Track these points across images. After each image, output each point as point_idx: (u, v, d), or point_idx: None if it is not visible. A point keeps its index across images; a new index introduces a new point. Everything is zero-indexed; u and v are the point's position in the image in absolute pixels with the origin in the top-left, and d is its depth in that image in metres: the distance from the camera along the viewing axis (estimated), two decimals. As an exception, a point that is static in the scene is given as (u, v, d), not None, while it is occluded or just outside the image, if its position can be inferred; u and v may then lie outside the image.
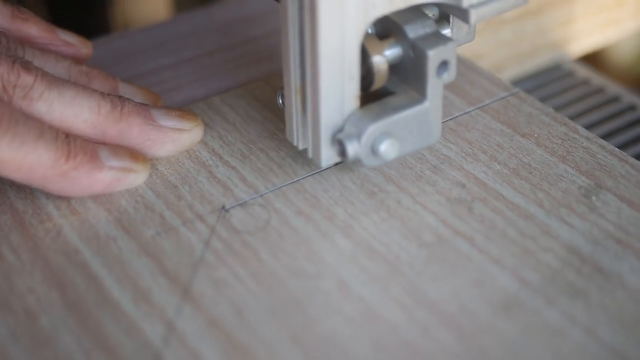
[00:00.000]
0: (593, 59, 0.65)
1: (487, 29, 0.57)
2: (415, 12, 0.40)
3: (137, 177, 0.42)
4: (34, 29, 0.44)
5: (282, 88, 0.42)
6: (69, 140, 0.39)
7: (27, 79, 0.39)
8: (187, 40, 0.53)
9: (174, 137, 0.43)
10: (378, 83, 0.40)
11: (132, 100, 0.43)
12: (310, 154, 0.41)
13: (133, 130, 0.42)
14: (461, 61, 0.49)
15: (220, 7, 0.57)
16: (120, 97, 0.42)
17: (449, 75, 0.39)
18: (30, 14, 0.45)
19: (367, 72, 0.40)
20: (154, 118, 0.42)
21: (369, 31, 0.40)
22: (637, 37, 0.73)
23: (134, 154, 0.42)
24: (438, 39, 0.39)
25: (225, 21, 0.54)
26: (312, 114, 0.39)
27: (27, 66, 0.40)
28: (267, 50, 0.49)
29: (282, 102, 0.42)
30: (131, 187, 0.42)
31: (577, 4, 0.60)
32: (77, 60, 0.45)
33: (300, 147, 0.42)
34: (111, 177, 0.41)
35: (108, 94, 0.42)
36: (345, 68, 0.38)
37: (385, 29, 0.40)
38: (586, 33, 0.61)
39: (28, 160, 0.38)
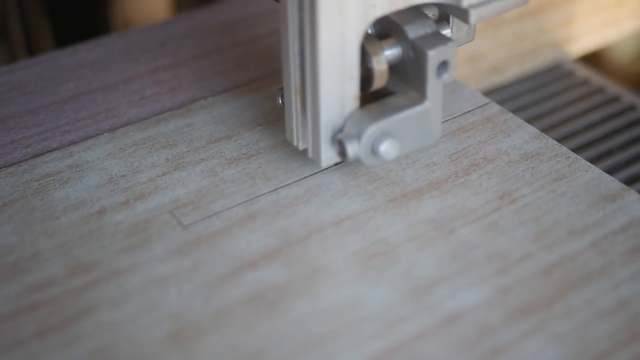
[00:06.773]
0: (593, 59, 0.65)
1: (487, 29, 0.57)
2: (415, 12, 0.40)
3: None
4: None
5: (281, 88, 0.41)
6: None
7: None
8: (187, 40, 0.53)
9: None
10: (378, 83, 0.40)
11: None
12: (310, 154, 0.41)
13: None
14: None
15: (220, 7, 0.56)
16: None
17: (449, 76, 0.39)
18: None
19: (367, 73, 0.40)
20: None
21: (369, 31, 0.40)
22: (637, 37, 0.73)
23: None
24: (438, 39, 0.39)
25: (226, 21, 0.54)
26: (312, 114, 0.39)
27: None
28: (267, 51, 0.48)
29: (282, 102, 0.42)
30: None
31: (578, 4, 0.60)
32: None
33: (301, 147, 0.42)
34: None
35: None
36: (345, 68, 0.38)
37: (385, 29, 0.40)
38: (586, 33, 0.61)
39: None
